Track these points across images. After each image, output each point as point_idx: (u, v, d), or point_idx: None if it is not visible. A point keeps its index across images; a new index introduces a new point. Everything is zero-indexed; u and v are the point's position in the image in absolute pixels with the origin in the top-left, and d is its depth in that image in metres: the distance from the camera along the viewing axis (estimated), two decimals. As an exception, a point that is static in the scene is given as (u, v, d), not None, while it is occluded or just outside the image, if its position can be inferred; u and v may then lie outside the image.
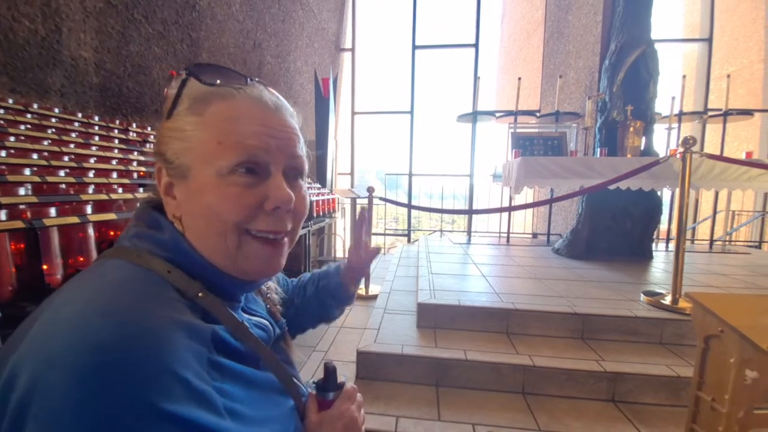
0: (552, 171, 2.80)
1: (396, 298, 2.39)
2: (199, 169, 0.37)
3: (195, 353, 0.30)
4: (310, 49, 4.55)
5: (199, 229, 0.38)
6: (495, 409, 1.45)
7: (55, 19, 1.55)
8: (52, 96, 1.57)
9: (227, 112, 0.38)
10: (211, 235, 0.38)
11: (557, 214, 4.72)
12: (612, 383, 1.49)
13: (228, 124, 0.37)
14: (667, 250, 3.65)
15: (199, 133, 0.37)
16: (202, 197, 0.37)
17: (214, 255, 0.39)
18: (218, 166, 0.36)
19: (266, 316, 0.50)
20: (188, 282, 0.36)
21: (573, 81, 4.56)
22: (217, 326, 0.34)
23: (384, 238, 5.16)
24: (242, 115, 0.38)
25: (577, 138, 4.06)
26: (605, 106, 3.15)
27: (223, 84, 0.40)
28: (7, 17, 1.37)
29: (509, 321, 1.84)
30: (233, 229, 0.37)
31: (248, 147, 0.37)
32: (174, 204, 0.39)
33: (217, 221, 0.37)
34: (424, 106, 5.06)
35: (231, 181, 0.37)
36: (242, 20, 2.97)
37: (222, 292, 0.39)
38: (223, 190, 0.37)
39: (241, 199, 0.37)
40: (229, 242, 0.38)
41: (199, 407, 0.27)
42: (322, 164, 3.90)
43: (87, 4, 1.68)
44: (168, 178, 0.39)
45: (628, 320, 1.76)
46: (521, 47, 7.44)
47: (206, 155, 0.37)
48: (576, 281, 2.37)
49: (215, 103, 0.38)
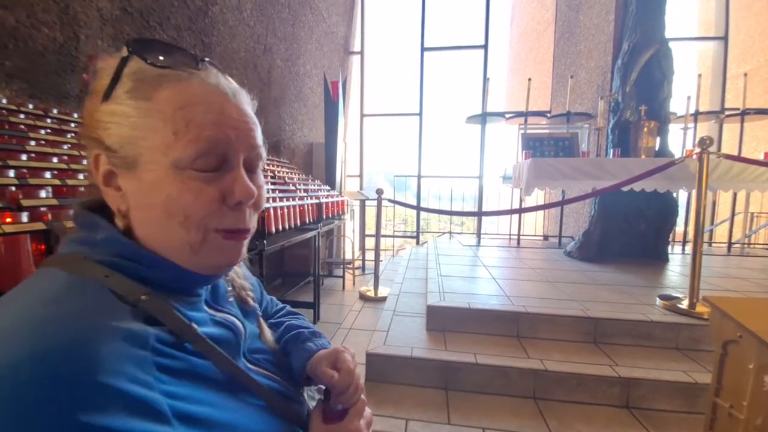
0: (563, 172, 2.76)
1: (405, 300, 2.38)
2: (152, 161, 0.34)
3: (134, 360, 0.28)
4: (320, 52, 4.59)
5: (156, 223, 0.35)
6: (505, 413, 1.43)
7: (72, 26, 1.59)
8: (71, 101, 1.61)
9: (182, 99, 0.34)
10: (172, 229, 0.35)
11: (569, 216, 4.65)
12: (625, 389, 1.46)
13: (184, 113, 0.34)
14: (683, 253, 3.56)
15: (149, 120, 0.33)
16: (159, 191, 0.34)
17: (171, 249, 0.36)
18: (175, 158, 0.34)
19: (236, 312, 0.46)
20: (129, 285, 0.33)
21: (584, 81, 4.50)
22: (161, 328, 0.32)
23: (393, 240, 5.16)
24: (199, 102, 0.35)
25: (589, 139, 4.00)
26: (618, 106, 3.10)
27: (173, 65, 0.35)
28: (26, 24, 1.41)
29: (520, 324, 1.82)
30: (198, 224, 0.35)
31: (207, 138, 0.34)
32: (118, 196, 0.36)
33: (180, 215, 0.34)
34: (432, 108, 5.08)
35: (190, 174, 0.34)
36: (253, 25, 3.02)
37: (177, 287, 0.37)
38: (184, 183, 0.34)
39: (202, 193, 0.35)
40: (192, 237, 0.35)
41: (135, 416, 0.26)
42: (331, 166, 3.92)
43: (104, 12, 1.73)
44: (108, 167, 0.35)
45: (643, 324, 1.73)
46: (531, 48, 7.38)
47: (160, 146, 0.33)
48: (588, 284, 2.34)
49: (166, 87, 0.34)
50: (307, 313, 2.65)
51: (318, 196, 2.77)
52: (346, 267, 3.90)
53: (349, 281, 3.69)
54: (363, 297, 3.01)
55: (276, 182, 2.49)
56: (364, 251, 4.44)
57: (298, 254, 3.52)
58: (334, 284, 3.62)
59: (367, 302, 2.91)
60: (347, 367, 0.47)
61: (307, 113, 4.28)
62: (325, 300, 3.05)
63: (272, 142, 3.48)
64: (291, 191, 2.44)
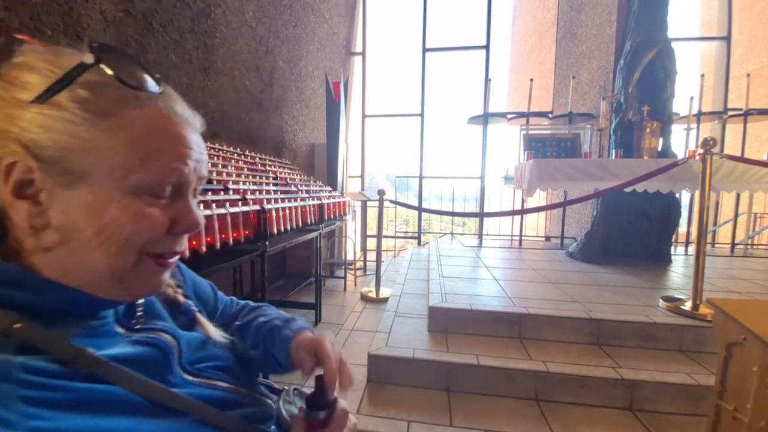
0: (565, 173, 2.76)
1: (407, 301, 2.38)
2: (103, 181, 0.32)
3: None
4: (321, 53, 4.60)
5: (81, 246, 0.32)
6: (507, 415, 1.43)
7: (76, 28, 1.60)
8: (75, 103, 1.62)
9: (150, 125, 0.33)
10: (102, 254, 0.33)
11: (571, 216, 4.64)
12: (629, 391, 1.45)
13: (153, 140, 0.33)
14: (686, 254, 3.54)
15: (109, 139, 0.31)
16: (102, 213, 0.32)
17: (92, 275, 0.34)
18: (134, 183, 0.32)
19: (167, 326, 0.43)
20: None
21: (587, 82, 4.49)
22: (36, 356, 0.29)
23: (394, 240, 5.16)
24: (165, 131, 0.34)
25: (591, 139, 3.99)
26: (620, 106, 3.09)
27: (141, 87, 0.34)
28: (30, 27, 1.41)
29: (522, 326, 1.81)
30: (135, 250, 0.34)
31: (172, 170, 0.34)
32: (34, 211, 0.32)
33: (118, 240, 0.33)
34: (434, 109, 5.08)
35: (147, 201, 0.34)
36: (255, 27, 3.03)
37: (72, 311, 0.35)
38: (137, 209, 0.33)
39: (155, 221, 0.34)
40: (125, 262, 0.34)
41: None
42: (332, 167, 3.93)
43: (107, 14, 1.73)
44: (26, 177, 0.31)
45: (646, 326, 1.72)
46: (533, 48, 7.37)
47: (118, 168, 0.32)
48: (591, 285, 2.33)
49: (135, 108, 0.33)
50: (309, 313, 2.65)
51: (320, 197, 2.77)
52: (348, 268, 3.90)
53: (351, 282, 3.69)
54: (364, 298, 3.01)
55: (278, 183, 2.49)
56: (365, 252, 4.44)
57: (300, 255, 3.53)
58: (336, 285, 3.62)
59: (368, 303, 2.91)
60: (328, 355, 0.46)
61: (308, 114, 4.29)
62: (327, 301, 3.05)
63: (274, 144, 3.49)
64: (293, 192, 2.44)
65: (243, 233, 1.68)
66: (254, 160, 2.67)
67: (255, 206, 1.77)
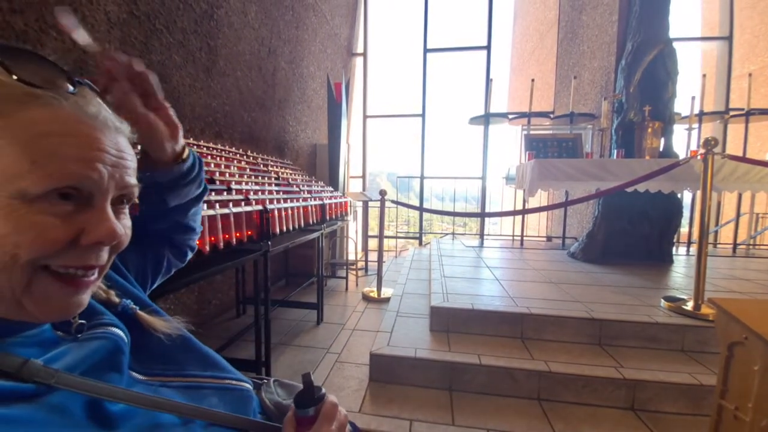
0: (566, 173, 2.76)
1: (408, 301, 2.39)
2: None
3: None
4: (323, 54, 4.61)
5: None
6: (510, 414, 1.43)
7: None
8: (79, 104, 1.63)
9: (49, 125, 0.30)
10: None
11: (572, 217, 4.64)
12: (631, 391, 1.46)
13: (49, 142, 0.29)
14: (688, 255, 3.54)
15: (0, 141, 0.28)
16: None
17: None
18: (23, 188, 0.28)
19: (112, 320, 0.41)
20: None
21: (588, 82, 4.49)
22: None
23: (396, 241, 5.17)
24: (70, 132, 0.30)
25: (593, 139, 3.99)
26: (622, 106, 3.10)
27: (45, 85, 0.31)
28: (35, 28, 1.43)
29: (524, 325, 1.82)
30: (24, 266, 0.29)
31: (71, 174, 0.30)
32: None
33: (3, 255, 0.28)
34: (436, 109, 5.08)
35: (40, 208, 0.29)
36: (257, 28, 3.04)
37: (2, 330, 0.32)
38: (27, 218, 0.29)
39: (52, 231, 0.30)
40: (13, 281, 0.29)
41: None
42: (334, 167, 3.94)
43: (111, 16, 1.75)
44: None
45: (648, 326, 1.72)
46: (534, 48, 7.37)
47: (7, 171, 0.28)
48: (592, 286, 2.33)
49: (33, 108, 0.30)
50: (311, 313, 2.66)
51: (321, 197, 2.78)
52: (350, 268, 3.91)
53: (353, 282, 3.70)
54: (366, 298, 3.01)
55: (280, 183, 2.50)
56: (367, 252, 4.45)
57: (302, 255, 3.53)
58: (338, 285, 3.63)
59: (370, 303, 2.91)
60: None
61: (310, 115, 4.30)
62: (329, 301, 3.06)
63: (276, 144, 3.50)
64: (295, 192, 2.45)
65: (246, 233, 1.69)
66: (257, 161, 2.68)
67: (258, 206, 1.78)
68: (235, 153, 2.47)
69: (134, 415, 0.36)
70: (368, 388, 1.62)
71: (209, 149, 2.17)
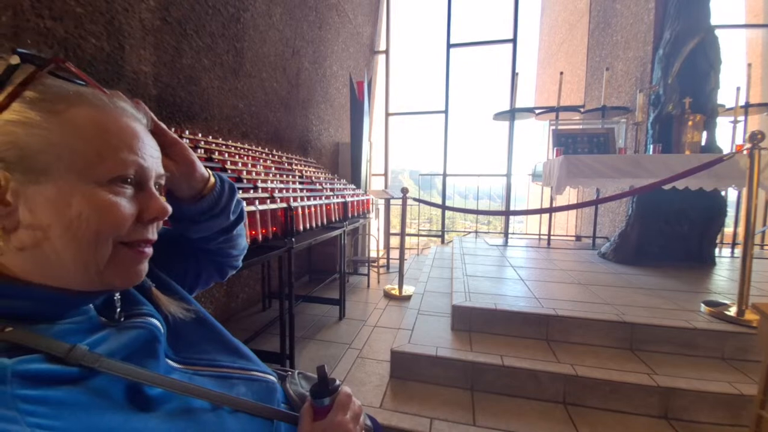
0: (597, 170, 2.64)
1: (430, 299, 2.37)
2: (64, 176, 0.33)
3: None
4: (346, 53, 4.65)
5: (54, 243, 0.33)
6: (534, 417, 1.40)
7: (118, 36, 1.71)
8: (118, 108, 1.73)
9: (105, 123, 0.35)
10: (75, 247, 0.34)
11: (603, 215, 4.44)
12: (665, 398, 1.38)
13: (109, 136, 0.35)
14: (732, 256, 3.30)
15: (64, 135, 0.33)
16: (68, 207, 0.33)
17: (69, 270, 0.35)
18: (96, 176, 0.34)
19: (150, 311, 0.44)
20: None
21: (621, 73, 4.27)
22: (28, 357, 0.30)
23: (417, 239, 5.15)
24: (121, 128, 0.36)
25: (627, 134, 3.80)
26: (659, 99, 2.92)
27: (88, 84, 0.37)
28: (75, 35, 1.52)
29: (549, 327, 1.77)
30: (107, 240, 0.35)
31: (130, 163, 0.36)
32: (3, 212, 0.32)
33: (89, 232, 0.34)
34: (459, 106, 4.96)
35: (112, 190, 0.35)
36: (282, 29, 3.11)
37: (50, 312, 0.35)
38: (103, 199, 0.34)
39: (122, 209, 0.35)
40: (99, 254, 0.35)
41: None
42: (356, 165, 3.97)
43: (146, 23, 1.84)
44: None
45: (685, 332, 1.63)
46: (563, 40, 7.09)
47: (78, 163, 0.33)
48: (624, 288, 2.23)
49: (83, 106, 0.35)
50: (334, 309, 2.70)
51: (344, 195, 2.81)
52: (371, 265, 3.94)
53: (374, 279, 3.72)
54: (387, 295, 3.02)
55: (303, 182, 2.55)
56: (388, 250, 4.46)
57: (325, 252, 3.59)
58: (359, 282, 3.66)
59: (391, 300, 2.93)
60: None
61: (333, 114, 4.35)
62: (351, 297, 3.10)
63: (300, 143, 3.57)
64: (318, 190, 2.49)
65: (271, 230, 1.74)
66: (281, 160, 2.75)
67: (282, 204, 1.83)
68: (260, 152, 2.54)
69: (170, 399, 0.38)
70: (389, 384, 1.63)
71: (236, 149, 2.25)
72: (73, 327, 0.35)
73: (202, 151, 1.87)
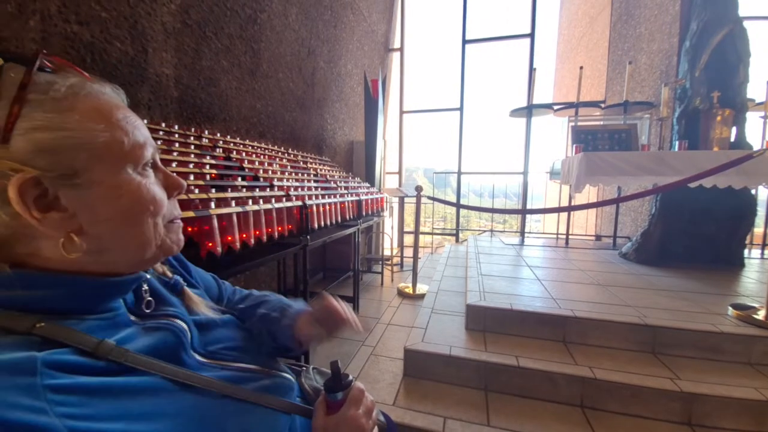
0: (618, 168, 2.56)
1: (443, 298, 2.36)
2: (102, 171, 0.34)
3: (16, 387, 0.27)
4: (360, 52, 4.66)
5: (119, 230, 0.36)
6: (549, 419, 1.38)
7: (141, 40, 1.76)
8: (141, 109, 1.79)
9: (110, 111, 0.36)
10: (137, 230, 0.38)
11: (625, 214, 4.30)
12: (688, 404, 1.34)
13: (127, 125, 0.37)
14: (762, 258, 3.15)
15: (86, 131, 0.33)
16: (120, 197, 0.36)
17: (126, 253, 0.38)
18: (131, 164, 0.37)
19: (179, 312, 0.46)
20: (17, 317, 0.32)
21: (645, 67, 4.11)
22: (57, 350, 0.31)
23: (431, 237, 5.12)
24: (126, 117, 0.38)
25: (650, 130, 3.67)
26: (685, 93, 2.81)
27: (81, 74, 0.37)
28: (101, 39, 1.57)
29: (567, 329, 1.73)
30: (159, 218, 0.40)
31: (146, 144, 0.39)
32: (65, 218, 0.34)
33: (146, 214, 0.38)
34: (474, 103, 4.89)
35: (146, 174, 0.39)
36: (298, 29, 3.14)
37: (83, 307, 0.36)
38: (145, 184, 0.38)
39: (157, 189, 0.40)
40: (159, 229, 0.40)
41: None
42: (371, 164, 3.98)
43: (167, 26, 1.89)
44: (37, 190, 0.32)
45: (711, 335, 1.56)
46: (583, 34, 6.89)
47: (110, 154, 0.35)
48: (646, 289, 2.16)
49: (87, 98, 0.35)
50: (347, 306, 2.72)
51: (358, 193, 2.83)
52: (385, 263, 3.95)
53: (388, 277, 3.73)
54: (401, 293, 3.03)
55: (318, 180, 2.58)
56: (402, 248, 4.46)
57: (339, 250, 3.62)
58: (373, 280, 3.68)
59: (405, 299, 2.93)
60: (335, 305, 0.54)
61: (347, 112, 4.37)
62: (364, 295, 3.12)
63: (315, 142, 3.61)
64: (332, 189, 2.51)
65: (287, 227, 1.76)
66: (297, 158, 2.79)
67: (297, 202, 1.85)
68: (277, 151, 2.58)
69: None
70: (402, 382, 1.64)
71: (254, 148, 2.29)
72: (101, 323, 0.37)
73: (221, 150, 1.91)
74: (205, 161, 1.61)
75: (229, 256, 1.36)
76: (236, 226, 1.37)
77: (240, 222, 1.41)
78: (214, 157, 1.74)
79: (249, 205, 1.47)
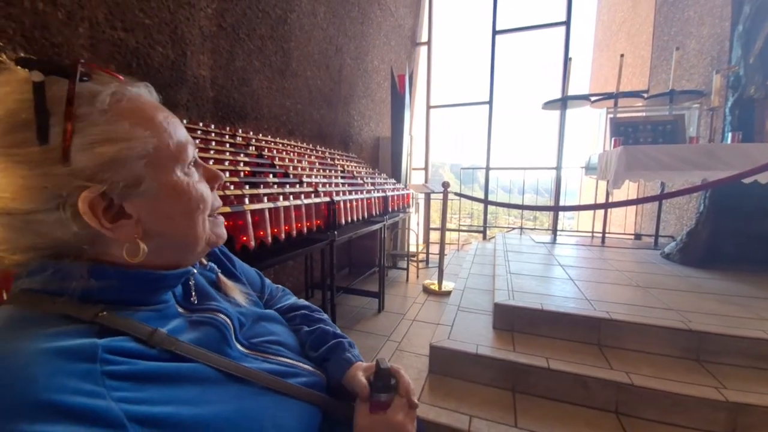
0: (662, 162, 2.40)
1: (470, 296, 2.33)
2: (157, 175, 0.37)
3: (77, 373, 0.29)
4: (387, 47, 4.64)
5: (178, 230, 0.40)
6: (580, 424, 1.33)
7: (180, 44, 1.86)
8: (180, 110, 1.89)
9: (153, 114, 0.37)
10: (191, 228, 0.41)
11: (669, 212, 4.03)
12: (733, 414, 1.25)
13: (169, 123, 0.39)
14: (829, 261, 2.85)
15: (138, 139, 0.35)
16: (177, 199, 0.39)
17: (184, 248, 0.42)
18: (180, 164, 0.39)
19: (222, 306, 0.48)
20: (82, 307, 0.34)
21: (694, 53, 3.81)
22: (116, 338, 0.33)
23: (458, 234, 5.05)
24: (166, 117, 0.39)
25: (700, 121, 3.41)
26: (739, 81, 2.58)
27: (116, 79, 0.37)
28: (145, 45, 1.68)
29: (602, 332, 1.66)
30: (208, 213, 0.43)
31: (187, 142, 0.41)
32: (132, 225, 0.36)
33: (198, 212, 0.41)
34: (504, 96, 4.72)
35: (191, 173, 0.41)
36: (326, 27, 3.18)
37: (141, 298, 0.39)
38: (193, 184, 0.40)
39: (203, 186, 0.42)
40: (206, 225, 0.43)
41: (80, 425, 0.26)
42: (397, 160, 3.97)
43: (204, 30, 1.98)
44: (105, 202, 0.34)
45: (761, 343, 1.45)
46: (624, 19, 6.47)
47: (160, 159, 0.37)
48: (691, 292, 2.02)
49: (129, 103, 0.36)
50: (373, 302, 2.76)
51: (384, 189, 2.84)
52: (411, 260, 3.94)
53: (413, 274, 3.73)
54: (427, 290, 3.02)
55: (345, 176, 2.61)
56: (428, 244, 4.43)
57: (365, 245, 3.66)
58: (399, 276, 3.69)
59: (430, 296, 2.92)
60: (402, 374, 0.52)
61: (374, 108, 4.38)
62: (390, 291, 3.14)
63: (342, 138, 3.65)
64: (359, 185, 2.54)
65: (315, 223, 1.81)
66: (324, 155, 2.84)
67: (325, 198, 1.89)
68: (305, 148, 2.64)
69: None
70: (427, 378, 1.64)
71: (284, 145, 2.36)
72: (153, 314, 0.39)
73: (254, 148, 1.98)
74: (239, 159, 1.68)
75: (260, 249, 1.42)
76: (268, 221, 1.43)
77: (271, 217, 1.46)
78: (247, 155, 1.81)
79: (280, 201, 1.52)
